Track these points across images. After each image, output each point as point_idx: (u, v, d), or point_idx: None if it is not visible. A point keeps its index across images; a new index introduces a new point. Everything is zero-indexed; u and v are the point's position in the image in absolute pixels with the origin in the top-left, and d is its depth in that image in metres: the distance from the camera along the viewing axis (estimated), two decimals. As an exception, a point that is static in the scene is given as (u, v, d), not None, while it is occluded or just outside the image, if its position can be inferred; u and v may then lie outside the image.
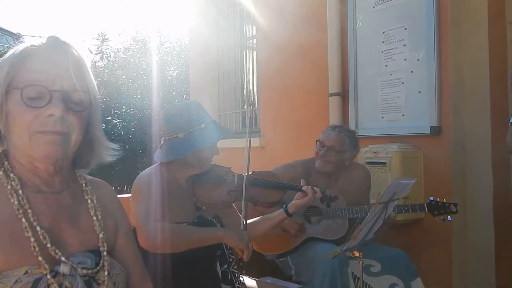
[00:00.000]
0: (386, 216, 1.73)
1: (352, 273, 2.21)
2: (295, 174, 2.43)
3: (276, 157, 3.77)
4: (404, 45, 3.05)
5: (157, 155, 1.82)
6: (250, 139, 1.84)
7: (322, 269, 2.17)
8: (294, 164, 2.63)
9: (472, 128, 2.80)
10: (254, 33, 4.85)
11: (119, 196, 1.23)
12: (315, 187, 1.99)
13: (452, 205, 2.29)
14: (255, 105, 4.36)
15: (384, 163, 2.83)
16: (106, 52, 12.51)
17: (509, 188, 2.80)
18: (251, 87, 4.91)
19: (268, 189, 1.98)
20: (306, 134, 3.64)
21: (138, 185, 1.77)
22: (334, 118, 3.41)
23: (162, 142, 1.82)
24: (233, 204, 1.96)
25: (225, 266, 1.81)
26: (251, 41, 5.00)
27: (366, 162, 2.91)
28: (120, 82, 10.88)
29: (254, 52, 4.90)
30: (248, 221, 1.86)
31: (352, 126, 3.30)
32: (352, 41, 3.39)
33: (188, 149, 1.75)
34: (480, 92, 2.80)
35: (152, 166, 1.86)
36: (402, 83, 3.05)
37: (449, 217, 2.28)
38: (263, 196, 1.94)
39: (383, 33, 3.18)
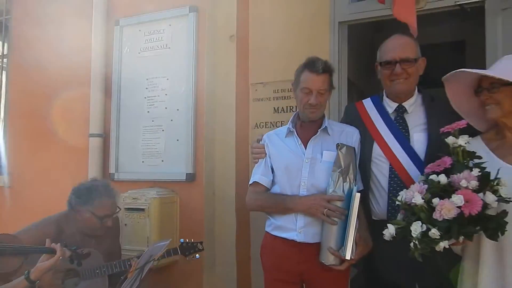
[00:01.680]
0: (143, 276, 1.80)
1: None
2: (45, 234, 2.22)
3: (26, 200, 3.42)
4: (166, 94, 3.25)
5: None
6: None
7: None
8: (43, 222, 2.39)
9: (221, 176, 3.17)
10: (5, 52, 4.30)
11: None
12: (63, 247, 1.88)
13: (199, 244, 2.52)
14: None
15: (143, 209, 2.90)
16: None
17: (248, 227, 3.29)
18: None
19: (4, 257, 1.74)
20: (64, 176, 3.42)
21: None
22: (93, 159, 3.32)
23: None
24: None
25: None
26: (0, 60, 4.41)
27: (126, 208, 2.93)
28: None
29: (4, 73, 4.33)
30: None
31: (112, 169, 3.29)
32: (116, 83, 3.40)
33: None
34: (227, 144, 3.20)
35: None
36: (163, 130, 3.23)
37: (197, 255, 2.49)
38: None
39: (147, 79, 3.32)
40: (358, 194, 1.83)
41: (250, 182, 2.18)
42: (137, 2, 3.41)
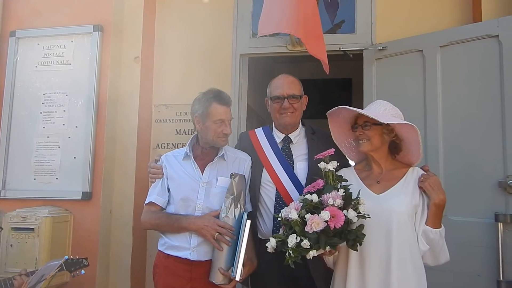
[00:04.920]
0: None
1: None
2: None
3: None
4: (64, 110, 3.18)
5: None
6: None
7: None
8: None
9: (119, 195, 3.17)
10: None
11: None
12: None
13: (84, 260, 2.40)
14: None
15: (32, 229, 2.78)
16: None
17: (145, 247, 3.31)
18: None
19: None
20: None
21: None
22: (-23, 175, 3.12)
23: None
24: None
25: None
26: None
27: (12, 227, 2.79)
28: None
29: None
30: None
31: (-2, 186, 3.13)
32: (8, 95, 3.25)
33: None
34: (127, 164, 3.22)
35: None
36: (59, 147, 3.15)
37: (82, 271, 2.43)
38: None
39: (44, 94, 3.22)
40: (249, 221, 2.01)
41: (146, 202, 2.24)
42: (36, 14, 3.31)
